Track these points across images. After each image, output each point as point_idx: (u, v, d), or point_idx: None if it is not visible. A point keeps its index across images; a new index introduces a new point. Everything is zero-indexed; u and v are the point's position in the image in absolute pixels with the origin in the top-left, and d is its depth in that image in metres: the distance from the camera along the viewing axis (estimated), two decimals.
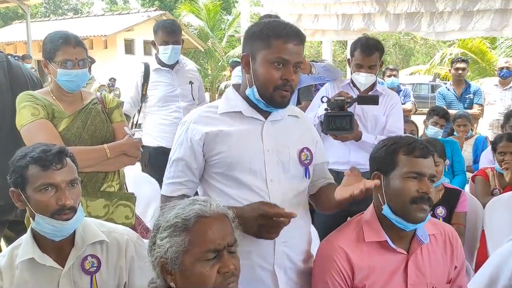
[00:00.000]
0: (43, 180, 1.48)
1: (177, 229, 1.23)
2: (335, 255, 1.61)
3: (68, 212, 1.50)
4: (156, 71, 3.52)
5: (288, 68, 1.56)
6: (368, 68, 2.80)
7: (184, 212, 1.25)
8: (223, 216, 1.29)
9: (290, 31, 1.57)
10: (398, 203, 1.59)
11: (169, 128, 3.47)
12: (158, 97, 3.50)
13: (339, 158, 2.84)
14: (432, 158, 1.63)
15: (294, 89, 1.61)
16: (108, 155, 2.20)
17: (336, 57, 25.47)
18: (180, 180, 1.66)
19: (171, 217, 1.25)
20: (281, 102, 1.60)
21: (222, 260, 1.23)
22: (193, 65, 3.82)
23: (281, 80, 1.56)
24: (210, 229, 1.23)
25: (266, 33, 1.57)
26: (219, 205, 1.30)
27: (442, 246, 1.70)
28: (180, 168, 1.66)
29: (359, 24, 5.11)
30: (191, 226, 1.22)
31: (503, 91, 5.36)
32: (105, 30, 19.72)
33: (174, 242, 1.22)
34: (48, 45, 2.20)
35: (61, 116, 2.20)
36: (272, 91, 1.57)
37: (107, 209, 2.22)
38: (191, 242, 1.21)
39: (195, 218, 1.23)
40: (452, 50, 13.84)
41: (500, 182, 3.19)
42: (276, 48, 1.55)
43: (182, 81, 3.56)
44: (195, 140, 1.62)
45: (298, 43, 1.58)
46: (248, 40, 1.64)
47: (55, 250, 1.56)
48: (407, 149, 1.61)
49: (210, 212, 1.26)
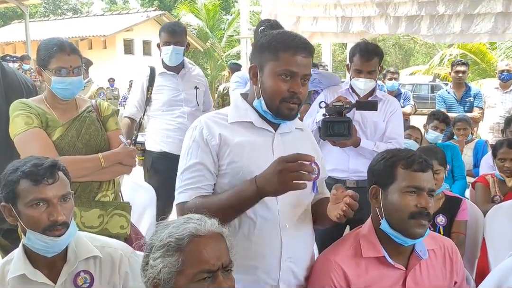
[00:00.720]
0: (35, 195, 1.44)
1: (171, 248, 1.20)
2: (332, 271, 1.58)
3: (60, 228, 1.46)
4: (162, 75, 3.50)
5: (296, 81, 1.55)
6: (367, 73, 2.77)
7: (178, 231, 1.21)
8: (218, 235, 1.26)
9: (299, 43, 1.56)
10: (396, 218, 1.56)
11: (172, 133, 3.46)
12: (163, 102, 3.48)
13: (338, 165, 2.82)
14: (431, 172, 1.60)
15: (302, 101, 1.59)
16: (102, 164, 2.17)
17: (336, 57, 25.46)
18: (199, 184, 1.59)
19: (165, 236, 1.22)
20: (288, 115, 1.59)
21: (217, 281, 1.20)
22: (199, 70, 3.80)
23: (288, 93, 1.55)
24: (204, 249, 1.20)
25: (274, 45, 1.56)
26: (214, 223, 1.27)
27: (442, 261, 1.67)
28: (200, 172, 1.59)
29: (358, 26, 5.07)
30: (185, 246, 1.19)
31: (503, 94, 5.33)
32: (104, 30, 19.72)
33: (167, 262, 1.19)
34: (43, 53, 2.17)
35: (55, 125, 2.16)
36: (278, 104, 1.56)
37: (101, 219, 2.18)
38: (184, 263, 1.18)
39: (189, 237, 1.20)
40: (452, 51, 13.81)
41: (501, 188, 3.16)
42: (284, 60, 1.54)
43: (187, 86, 3.53)
44: (211, 144, 1.58)
45: (307, 56, 1.56)
46: (256, 52, 1.63)
47: (47, 265, 1.52)
48: (406, 162, 1.58)
49: (204, 231, 1.22)
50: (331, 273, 1.57)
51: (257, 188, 1.45)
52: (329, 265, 1.60)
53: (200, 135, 1.61)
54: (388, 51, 30.78)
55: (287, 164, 1.40)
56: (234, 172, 1.57)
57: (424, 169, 1.58)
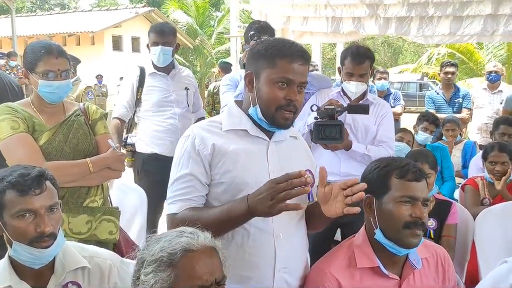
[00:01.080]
0: (21, 206, 1.41)
1: (163, 264, 1.18)
2: (326, 282, 1.57)
3: (47, 239, 1.43)
4: (152, 76, 3.46)
5: (293, 89, 1.54)
6: (358, 76, 2.77)
7: (170, 246, 1.19)
8: (211, 250, 1.24)
9: (296, 51, 1.55)
10: (390, 228, 1.56)
11: (163, 135, 3.43)
12: (153, 102, 3.44)
13: (329, 168, 2.75)
14: (425, 181, 1.60)
15: (298, 109, 1.58)
16: (91, 169, 2.13)
17: (326, 55, 25.52)
18: (189, 196, 1.57)
19: (157, 251, 1.20)
20: (283, 124, 1.58)
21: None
22: (189, 71, 3.77)
23: (284, 100, 1.54)
24: (197, 264, 1.18)
25: (271, 52, 1.54)
26: (207, 236, 1.25)
27: (434, 270, 1.67)
28: (190, 183, 1.57)
29: (348, 27, 5.05)
30: (177, 261, 1.17)
31: (491, 95, 5.38)
32: (92, 26, 19.47)
33: (159, 278, 1.17)
34: (30, 55, 2.13)
35: (42, 130, 2.12)
36: (274, 112, 1.55)
37: (89, 225, 2.15)
38: (177, 278, 1.17)
39: (182, 252, 1.18)
40: (440, 50, 13.91)
41: (490, 191, 3.18)
42: (281, 68, 1.53)
43: (178, 87, 3.50)
44: (203, 155, 1.57)
45: (303, 63, 1.55)
46: (252, 59, 1.61)
47: (34, 277, 1.49)
48: (400, 172, 1.58)
49: (197, 245, 1.21)
50: (325, 284, 1.57)
51: (248, 207, 1.44)
52: (323, 276, 1.59)
53: (192, 145, 1.58)
54: (377, 50, 30.93)
55: (277, 185, 1.38)
56: (229, 181, 1.56)
57: (418, 178, 1.57)
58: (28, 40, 16.59)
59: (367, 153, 2.69)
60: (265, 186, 1.42)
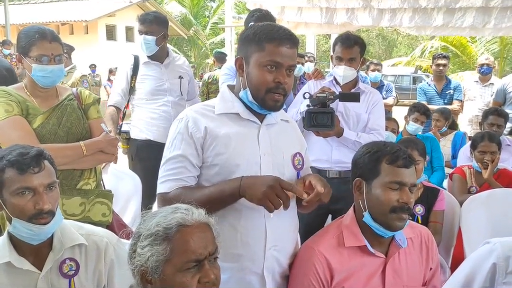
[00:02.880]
0: (20, 183, 1.45)
1: (158, 237, 1.22)
2: (315, 260, 1.62)
3: (46, 216, 1.47)
4: (146, 65, 3.48)
5: (281, 71, 1.57)
6: (347, 61, 2.81)
7: (166, 221, 1.23)
8: (205, 225, 1.28)
9: (283, 34, 1.58)
10: (378, 211, 1.61)
11: (157, 121, 3.46)
12: (146, 91, 3.46)
13: (321, 155, 2.86)
14: (414, 167, 1.65)
15: (287, 92, 1.61)
16: (84, 152, 2.17)
17: (320, 47, 25.51)
18: (181, 176, 1.62)
19: (152, 225, 1.24)
20: (273, 106, 1.61)
21: (203, 270, 1.23)
22: (185, 60, 3.78)
23: (273, 83, 1.57)
24: (191, 239, 1.22)
25: (259, 36, 1.58)
26: (201, 213, 1.29)
27: (419, 249, 1.73)
28: (182, 164, 1.62)
29: (342, 18, 5.11)
30: (172, 236, 1.22)
31: (483, 87, 5.45)
32: (86, 15, 19.31)
33: (155, 251, 1.21)
34: (23, 40, 2.15)
35: (36, 113, 2.15)
36: (264, 94, 1.58)
37: (83, 207, 2.19)
38: (172, 251, 1.21)
39: (177, 227, 1.22)
40: (433, 43, 13.98)
41: (477, 179, 3.25)
42: (269, 51, 1.56)
43: (171, 75, 3.52)
44: (196, 137, 1.61)
45: (291, 47, 1.59)
46: (242, 44, 1.65)
47: (33, 253, 1.53)
48: (390, 158, 1.62)
49: (191, 221, 1.25)
50: (314, 262, 1.62)
51: (240, 186, 1.51)
52: (312, 254, 1.63)
53: (185, 128, 1.63)
54: (371, 42, 30.96)
55: (279, 187, 1.47)
56: (221, 163, 1.60)
57: (407, 165, 1.62)
58: (21, 28, 16.41)
59: (358, 139, 2.74)
60: (269, 178, 1.50)
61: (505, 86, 5.04)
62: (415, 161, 1.69)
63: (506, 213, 2.69)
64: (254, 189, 1.48)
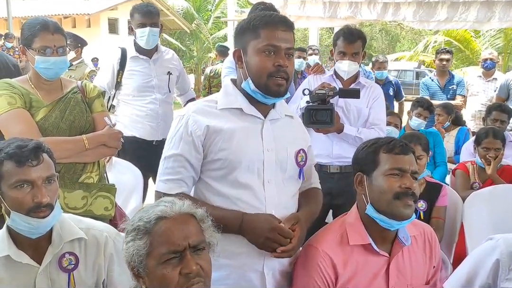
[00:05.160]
0: (19, 176, 1.43)
1: (140, 232, 1.23)
2: (320, 260, 1.60)
3: (44, 209, 1.46)
4: (133, 59, 3.39)
5: (280, 55, 1.55)
6: (351, 55, 2.79)
7: (146, 215, 1.24)
8: (187, 216, 1.27)
9: (276, 18, 1.58)
10: (382, 201, 1.58)
11: (143, 119, 3.40)
12: (133, 87, 3.38)
13: (322, 150, 2.84)
14: (412, 155, 1.63)
15: (289, 76, 1.59)
16: (86, 146, 2.16)
17: (323, 42, 25.42)
18: (180, 176, 1.62)
19: (135, 220, 1.25)
20: (277, 91, 1.58)
21: (184, 261, 1.21)
22: (174, 54, 3.67)
23: (274, 67, 1.55)
24: (169, 230, 1.22)
25: (253, 24, 1.57)
26: (184, 204, 1.28)
27: (422, 247, 1.71)
28: (180, 163, 1.61)
29: (345, 12, 5.08)
30: (151, 228, 1.22)
31: (486, 82, 5.41)
32: (88, 8, 19.29)
33: (137, 245, 1.22)
34: (26, 32, 2.14)
35: (39, 106, 2.14)
36: (266, 80, 1.56)
37: (85, 201, 2.18)
38: (152, 245, 1.21)
39: (155, 220, 1.23)
40: (436, 38, 13.91)
41: (480, 175, 3.23)
42: (265, 36, 1.55)
43: (160, 71, 3.44)
44: (196, 135, 1.59)
45: (287, 29, 1.57)
46: (238, 35, 1.63)
47: (32, 247, 1.52)
48: (387, 147, 1.61)
49: (171, 212, 1.24)
50: (318, 261, 1.59)
51: (239, 228, 1.55)
52: (316, 253, 1.61)
53: (186, 126, 1.61)
54: (375, 37, 30.86)
55: (277, 236, 1.54)
56: (223, 158, 1.58)
57: (405, 151, 1.61)
58: (23, 21, 16.40)
59: (359, 135, 2.72)
60: (268, 226, 1.54)
61: (509, 82, 5.01)
62: (413, 148, 1.67)
63: (508, 209, 2.67)
64: (254, 235, 1.54)
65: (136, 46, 3.40)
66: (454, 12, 4.54)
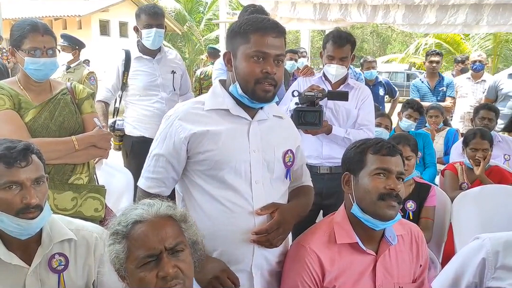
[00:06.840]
0: (7, 177, 1.43)
1: (118, 236, 1.24)
2: (307, 257, 1.61)
3: (33, 211, 1.45)
4: (138, 60, 3.44)
5: (269, 61, 1.55)
6: (339, 60, 2.81)
7: (124, 219, 1.25)
8: (165, 219, 1.27)
9: (268, 24, 1.56)
10: (366, 200, 1.61)
11: (150, 119, 3.43)
12: (139, 87, 3.43)
13: (312, 151, 2.86)
14: (400, 156, 1.65)
15: (277, 82, 1.58)
16: (76, 147, 2.16)
17: (315, 44, 25.50)
18: (159, 176, 1.64)
19: (115, 224, 1.25)
20: (264, 97, 1.58)
21: (161, 265, 1.21)
22: (177, 54, 3.73)
23: (262, 74, 1.54)
24: (145, 234, 1.22)
25: (244, 28, 1.56)
26: (161, 206, 1.28)
27: (409, 246, 1.73)
28: (161, 163, 1.63)
29: (335, 14, 5.10)
30: (128, 233, 1.23)
31: (475, 84, 5.47)
32: (79, 10, 19.16)
33: (116, 249, 1.23)
34: (16, 33, 2.13)
35: (28, 107, 2.14)
36: (253, 86, 1.56)
37: (75, 202, 2.18)
38: (129, 249, 1.22)
39: (132, 224, 1.23)
40: (427, 40, 14.02)
41: (469, 176, 3.27)
42: (254, 42, 1.54)
43: (164, 70, 3.48)
44: (179, 138, 1.59)
45: (277, 36, 1.56)
46: (229, 38, 1.63)
47: (21, 248, 1.52)
48: (374, 148, 1.63)
49: (148, 216, 1.25)
50: (306, 259, 1.61)
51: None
52: (304, 251, 1.63)
53: (171, 127, 1.62)
54: (366, 39, 31.02)
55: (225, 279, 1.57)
56: (210, 159, 1.59)
57: (392, 153, 1.63)
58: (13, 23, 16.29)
59: (347, 136, 2.75)
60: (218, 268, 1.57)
61: (497, 83, 5.07)
62: (400, 150, 1.69)
63: (496, 209, 2.70)
64: (201, 273, 1.51)
65: (139, 47, 3.45)
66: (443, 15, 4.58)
